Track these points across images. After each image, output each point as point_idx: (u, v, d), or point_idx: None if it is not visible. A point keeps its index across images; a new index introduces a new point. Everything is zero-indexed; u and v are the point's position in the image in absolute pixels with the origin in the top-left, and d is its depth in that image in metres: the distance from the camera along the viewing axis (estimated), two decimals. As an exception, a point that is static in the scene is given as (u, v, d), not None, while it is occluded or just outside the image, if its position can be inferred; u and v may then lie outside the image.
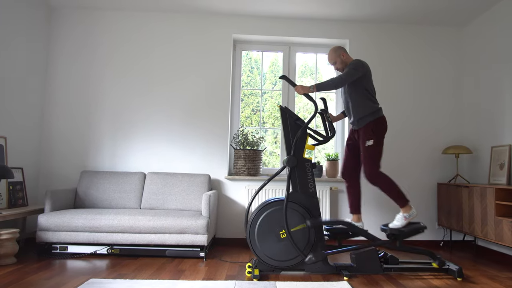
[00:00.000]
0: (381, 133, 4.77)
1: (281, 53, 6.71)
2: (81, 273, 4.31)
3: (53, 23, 6.32)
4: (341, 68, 4.99)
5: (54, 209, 5.30)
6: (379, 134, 4.74)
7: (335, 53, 4.97)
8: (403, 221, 4.67)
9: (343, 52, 4.96)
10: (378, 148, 4.72)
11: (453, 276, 4.55)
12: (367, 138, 4.73)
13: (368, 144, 4.71)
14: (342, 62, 4.96)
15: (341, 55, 4.95)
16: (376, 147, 4.71)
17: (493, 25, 5.90)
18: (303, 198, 4.60)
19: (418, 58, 6.64)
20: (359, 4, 5.98)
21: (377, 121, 4.77)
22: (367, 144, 4.72)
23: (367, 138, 4.73)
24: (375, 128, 4.74)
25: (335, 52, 4.97)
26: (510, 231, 4.63)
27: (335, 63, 4.99)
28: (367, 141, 4.72)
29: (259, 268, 4.48)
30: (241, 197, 6.21)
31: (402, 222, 4.67)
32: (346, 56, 4.97)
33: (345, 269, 4.57)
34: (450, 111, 6.60)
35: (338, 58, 4.96)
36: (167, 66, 6.36)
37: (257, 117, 6.75)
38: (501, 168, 5.52)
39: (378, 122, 4.77)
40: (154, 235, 5.05)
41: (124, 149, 6.22)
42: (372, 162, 4.69)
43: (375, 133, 4.73)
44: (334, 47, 5.02)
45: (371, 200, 6.34)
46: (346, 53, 4.98)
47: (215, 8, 6.23)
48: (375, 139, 4.71)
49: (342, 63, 4.97)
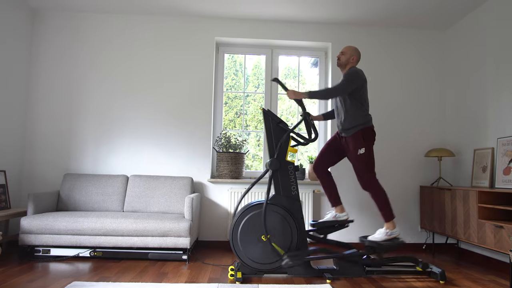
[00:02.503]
0: (371, 141, 4.81)
1: (264, 56, 6.81)
2: (64, 276, 4.38)
3: (36, 26, 6.37)
4: (342, 61, 4.99)
5: (37, 212, 5.36)
6: (368, 142, 4.78)
7: (351, 50, 5.00)
8: (384, 236, 4.69)
9: (355, 57, 4.98)
10: (369, 155, 4.77)
11: (436, 279, 4.61)
12: (359, 147, 4.75)
13: (360, 152, 4.74)
14: (347, 60, 4.98)
15: (352, 57, 4.98)
16: (368, 154, 4.76)
17: (475, 28, 5.98)
18: (285, 201, 4.65)
19: (401, 61, 6.75)
20: (342, 7, 6.07)
21: (367, 130, 4.81)
22: (359, 152, 4.75)
23: (359, 147, 4.75)
24: (365, 136, 4.78)
25: (352, 50, 5.00)
26: (492, 234, 4.66)
27: (344, 54, 4.99)
28: (358, 149, 4.75)
29: (241, 271, 4.54)
30: (224, 200, 6.30)
31: (382, 237, 4.70)
32: (354, 61, 4.99)
33: (328, 272, 4.63)
34: (433, 114, 6.71)
35: (349, 56, 4.97)
36: (150, 69, 6.44)
37: (240, 120, 6.82)
38: (483, 171, 5.58)
39: (367, 131, 4.81)
40: (137, 238, 5.12)
41: (107, 151, 6.29)
42: (367, 170, 4.75)
43: (366, 141, 4.77)
44: (356, 48, 5.05)
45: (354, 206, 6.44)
46: (356, 60, 5.00)
47: (197, 11, 6.31)
48: (366, 147, 4.75)
49: (346, 61, 4.98)
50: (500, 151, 5.29)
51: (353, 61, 4.98)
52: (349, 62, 4.99)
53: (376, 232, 4.78)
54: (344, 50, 5.01)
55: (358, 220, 6.41)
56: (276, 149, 4.70)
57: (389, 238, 4.69)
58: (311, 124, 4.92)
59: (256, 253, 4.51)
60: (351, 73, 4.76)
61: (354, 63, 4.99)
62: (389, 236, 4.69)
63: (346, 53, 4.98)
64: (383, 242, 4.65)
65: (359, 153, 4.74)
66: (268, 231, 4.51)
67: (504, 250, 4.41)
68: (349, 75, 4.76)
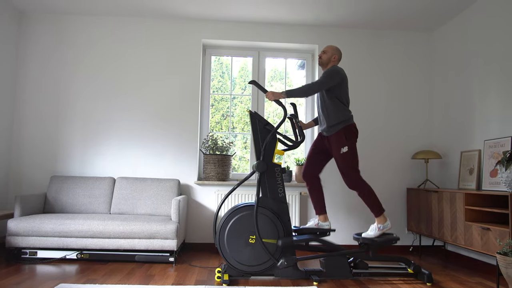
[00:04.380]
0: (353, 139, 4.89)
1: (250, 58, 6.89)
2: (51, 278, 4.43)
3: (23, 28, 6.41)
4: (323, 61, 5.09)
5: (23, 214, 5.42)
6: (351, 140, 4.85)
7: (333, 50, 5.09)
8: (377, 231, 4.75)
9: (337, 56, 5.07)
10: (353, 153, 4.84)
11: (422, 281, 4.64)
12: (341, 145, 4.81)
13: (343, 151, 4.80)
14: (329, 59, 5.07)
15: (334, 56, 5.07)
16: (351, 153, 4.82)
17: (462, 29, 6.04)
18: (272, 203, 4.69)
19: (388, 63, 6.83)
20: (328, 10, 6.14)
21: (349, 127, 4.88)
22: (342, 151, 4.80)
23: (341, 145, 4.81)
24: (347, 134, 4.86)
25: (334, 49, 5.09)
26: (479, 236, 4.67)
27: (325, 53, 5.08)
28: (341, 148, 4.81)
29: (228, 273, 4.55)
30: (211, 202, 6.37)
31: (376, 232, 4.76)
32: (336, 60, 5.08)
33: (315, 274, 4.66)
34: (420, 116, 6.80)
35: (330, 54, 5.06)
36: (136, 70, 6.50)
37: (227, 122, 6.89)
38: (470, 173, 5.62)
39: (349, 128, 4.88)
40: (124, 240, 5.19)
41: (93, 154, 6.35)
42: (351, 168, 4.81)
43: (348, 139, 4.83)
44: (338, 47, 5.15)
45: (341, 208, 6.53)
46: (338, 60, 5.09)
47: (184, 13, 6.38)
48: (349, 145, 4.81)
49: (328, 59, 5.08)
50: (487, 153, 5.33)
51: (335, 60, 5.08)
52: (331, 61, 5.08)
53: (369, 229, 4.84)
54: (325, 49, 5.12)
55: (345, 222, 6.50)
56: (262, 151, 4.74)
57: (382, 232, 4.77)
58: (298, 127, 4.97)
59: (243, 255, 4.55)
60: (331, 70, 4.86)
61: (336, 62, 5.09)
62: (382, 230, 4.76)
63: (327, 52, 5.09)
64: (377, 238, 4.72)
65: (342, 152, 4.80)
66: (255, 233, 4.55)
67: (491, 253, 4.44)
68: (328, 72, 4.85)
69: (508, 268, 3.84)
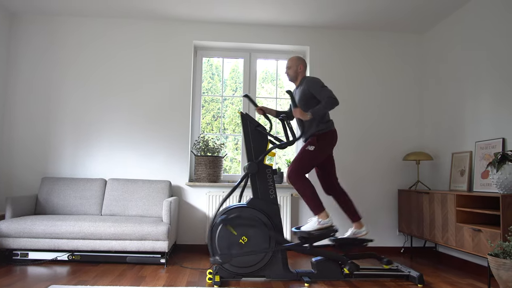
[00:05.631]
0: (325, 144, 4.88)
1: (241, 59, 6.94)
2: (42, 280, 4.46)
3: (13, 29, 6.43)
4: (291, 76, 5.14)
5: (14, 216, 5.45)
6: (322, 144, 4.84)
7: (295, 61, 5.11)
8: (315, 225, 4.70)
9: (302, 65, 5.10)
10: (315, 156, 4.82)
11: (414, 283, 4.64)
12: (310, 144, 4.82)
13: (308, 148, 4.80)
14: (296, 72, 5.10)
15: (299, 67, 5.09)
16: (313, 155, 4.80)
17: (453, 31, 6.07)
18: (263, 204, 4.70)
19: (379, 65, 6.88)
20: (319, 11, 6.19)
21: (325, 134, 4.89)
22: (307, 147, 4.81)
23: (310, 144, 4.82)
24: (320, 138, 4.85)
25: (296, 60, 5.11)
26: (470, 237, 4.69)
27: (290, 68, 5.12)
28: (309, 145, 4.81)
29: (220, 274, 4.56)
30: (202, 203, 6.42)
31: (314, 226, 4.70)
32: (303, 70, 5.12)
33: (306, 275, 4.66)
34: (411, 118, 6.85)
35: (295, 67, 5.09)
36: (128, 72, 6.54)
37: (218, 123, 6.94)
38: (461, 174, 5.66)
39: (326, 135, 4.89)
40: (115, 242, 5.22)
41: (85, 155, 6.38)
42: (300, 165, 4.79)
43: (319, 141, 4.83)
44: (298, 56, 5.18)
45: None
46: (304, 68, 5.13)
47: (176, 15, 6.42)
48: (316, 147, 4.80)
49: (295, 73, 5.11)
50: (478, 155, 5.37)
51: (301, 70, 5.12)
52: (298, 73, 5.11)
53: (308, 222, 4.80)
54: (288, 64, 5.14)
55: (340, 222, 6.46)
56: (253, 153, 4.76)
57: (322, 227, 4.71)
58: (290, 127, 5.01)
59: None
60: (317, 81, 4.90)
61: (303, 71, 5.13)
62: (322, 225, 4.70)
63: (291, 67, 5.12)
64: (314, 231, 4.68)
65: (307, 148, 4.81)
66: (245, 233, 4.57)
67: (482, 254, 4.47)
68: (314, 83, 4.88)
69: (499, 270, 3.85)
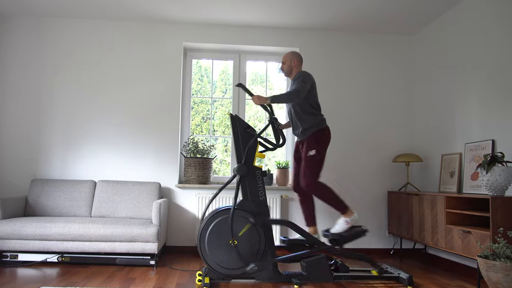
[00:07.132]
0: (324, 144, 4.98)
1: (231, 61, 7.00)
2: (32, 281, 4.49)
3: (2, 31, 6.45)
4: (286, 71, 5.27)
5: (4, 217, 5.47)
6: (321, 145, 4.94)
7: (290, 56, 5.23)
8: (345, 225, 4.80)
9: (296, 60, 5.21)
10: (319, 159, 4.92)
11: (403, 284, 4.65)
12: (310, 149, 4.91)
13: (310, 154, 4.89)
14: (290, 67, 5.22)
15: (293, 61, 5.21)
16: (318, 158, 4.90)
17: (443, 33, 6.11)
18: (253, 206, 4.72)
19: (369, 66, 6.94)
20: (309, 13, 6.24)
21: (320, 132, 5.00)
22: (309, 154, 4.90)
23: (310, 149, 4.91)
24: (318, 138, 4.98)
25: (290, 55, 5.24)
26: (460, 239, 4.71)
27: (284, 63, 5.25)
28: (309, 151, 4.91)
29: (209, 276, 4.57)
30: (192, 205, 6.46)
31: (344, 226, 4.80)
32: (297, 65, 5.22)
33: (296, 277, 4.66)
34: (401, 119, 6.91)
35: (289, 62, 5.21)
36: (117, 73, 6.58)
37: (208, 125, 6.97)
38: (451, 176, 5.69)
39: (321, 133, 5.01)
40: (105, 243, 5.27)
41: (74, 157, 6.41)
42: (311, 172, 4.87)
43: (318, 143, 4.93)
44: (293, 51, 5.32)
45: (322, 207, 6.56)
46: (299, 62, 5.24)
47: (165, 16, 6.46)
48: (317, 150, 4.90)
49: (289, 68, 5.23)
50: (467, 157, 5.42)
51: (295, 64, 5.23)
52: (293, 67, 5.23)
53: (337, 223, 4.88)
54: (283, 59, 5.29)
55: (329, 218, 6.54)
56: (243, 154, 4.79)
57: (351, 224, 4.81)
58: (279, 130, 5.04)
59: (224, 258, 4.57)
60: (301, 74, 5.01)
61: (298, 66, 5.24)
62: (350, 224, 4.80)
63: (286, 61, 5.25)
64: (345, 232, 4.79)
65: (309, 155, 4.90)
66: (235, 235, 4.60)
67: (472, 256, 4.51)
68: (301, 76, 4.98)
69: (489, 271, 3.90)
